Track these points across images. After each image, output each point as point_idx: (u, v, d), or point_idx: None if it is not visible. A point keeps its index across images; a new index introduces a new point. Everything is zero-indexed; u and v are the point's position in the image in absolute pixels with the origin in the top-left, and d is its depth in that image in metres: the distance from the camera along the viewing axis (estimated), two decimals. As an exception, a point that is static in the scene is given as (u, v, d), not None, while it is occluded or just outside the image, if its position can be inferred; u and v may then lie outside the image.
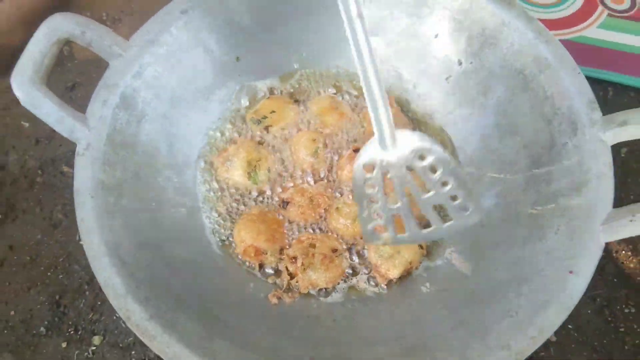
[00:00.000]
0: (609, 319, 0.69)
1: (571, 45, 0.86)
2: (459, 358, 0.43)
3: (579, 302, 0.61)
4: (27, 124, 0.87)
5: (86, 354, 0.69)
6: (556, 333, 0.66)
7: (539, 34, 0.57)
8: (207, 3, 0.62)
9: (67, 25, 0.53)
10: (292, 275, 0.55)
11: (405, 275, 0.57)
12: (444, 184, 0.46)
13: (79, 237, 0.77)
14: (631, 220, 0.45)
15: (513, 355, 0.42)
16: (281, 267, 0.57)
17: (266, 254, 0.56)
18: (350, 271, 0.58)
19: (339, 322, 0.52)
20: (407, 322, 0.51)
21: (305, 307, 0.54)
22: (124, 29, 0.95)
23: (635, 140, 0.51)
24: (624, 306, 0.70)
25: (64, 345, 0.70)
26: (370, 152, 0.46)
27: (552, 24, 0.90)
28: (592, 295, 0.70)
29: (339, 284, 0.56)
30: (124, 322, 0.68)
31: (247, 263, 0.58)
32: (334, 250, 0.56)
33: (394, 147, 0.45)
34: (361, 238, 0.58)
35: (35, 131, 0.86)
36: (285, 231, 0.59)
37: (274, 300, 0.54)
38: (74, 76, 0.90)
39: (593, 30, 0.89)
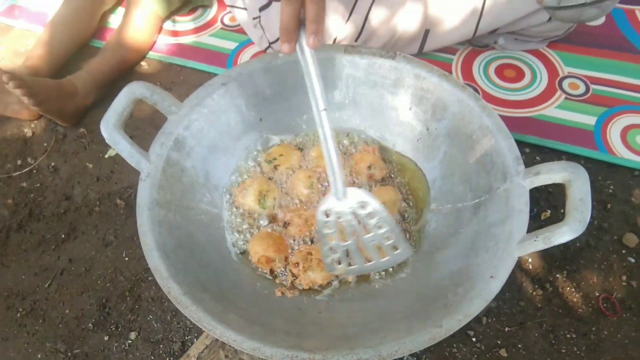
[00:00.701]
0: (553, 342, 0.84)
1: (533, 121, 1.07)
2: (405, 332, 0.59)
3: (529, 326, 0.79)
4: (90, 165, 1.08)
5: (123, 346, 0.85)
6: (508, 351, 0.81)
7: (483, 109, 0.77)
8: (240, 79, 0.84)
9: (141, 89, 0.75)
10: (295, 276, 0.73)
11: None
12: (380, 227, 0.64)
13: (125, 254, 0.96)
14: (535, 240, 0.62)
15: (443, 331, 0.58)
16: (286, 271, 0.74)
17: (275, 261, 0.74)
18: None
19: (322, 312, 0.69)
20: (373, 314, 0.67)
21: (298, 302, 0.71)
22: (173, 95, 1.18)
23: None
24: (566, 332, 0.84)
25: (106, 338, 0.87)
26: (328, 202, 0.64)
27: (519, 104, 1.10)
28: (540, 321, 0.85)
29: (332, 281, 0.73)
30: (155, 322, 0.85)
31: (260, 269, 0.76)
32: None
33: (344, 198, 0.63)
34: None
35: (97, 171, 1.07)
36: (287, 244, 0.77)
37: (279, 294, 0.71)
38: (131, 130, 1.12)
39: (552, 110, 1.09)
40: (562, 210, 0.97)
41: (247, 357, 0.73)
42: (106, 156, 1.10)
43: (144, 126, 1.13)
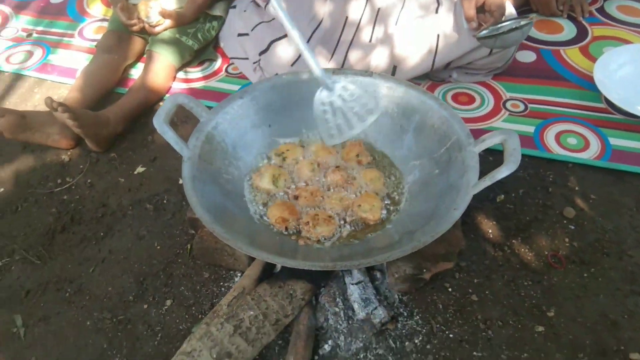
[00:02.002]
0: (514, 288, 1.03)
1: (484, 132, 1.32)
2: (392, 248, 0.79)
3: (493, 278, 0.99)
4: (122, 180, 1.29)
5: (160, 311, 1.02)
6: (478, 296, 1.01)
7: (440, 105, 1.02)
8: (253, 93, 1.09)
9: (182, 98, 0.98)
10: (307, 232, 0.94)
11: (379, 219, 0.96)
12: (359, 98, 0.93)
13: (157, 244, 1.14)
14: (484, 180, 0.85)
15: (421, 244, 0.79)
16: (300, 227, 0.95)
17: (289, 221, 0.95)
18: (342, 223, 0.96)
19: (327, 252, 0.89)
20: (366, 248, 0.87)
21: (309, 248, 0.92)
22: (187, 126, 1.41)
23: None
24: (523, 281, 1.04)
25: (145, 306, 1.03)
26: (323, 94, 0.92)
27: (472, 120, 1.37)
28: (502, 274, 1.05)
29: (334, 234, 0.94)
30: (187, 291, 1.03)
31: (276, 228, 0.96)
32: (330, 216, 0.95)
33: (333, 88, 0.91)
34: (345, 210, 0.97)
35: (128, 184, 1.28)
36: (298, 211, 0.98)
37: (301, 242, 0.93)
38: (154, 152, 1.34)
39: (499, 123, 1.36)
40: (512, 195, 1.20)
41: (270, 298, 0.91)
42: (135, 172, 1.30)
43: (163, 149, 1.35)
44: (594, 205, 1.18)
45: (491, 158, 1.28)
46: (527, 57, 1.57)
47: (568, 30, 1.66)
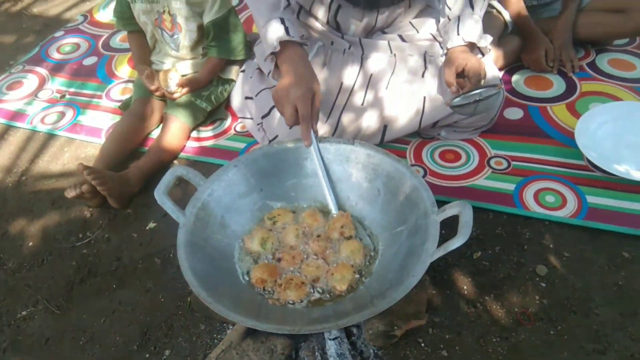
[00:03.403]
0: (482, 344, 1.11)
1: (467, 189, 1.41)
2: (354, 312, 0.89)
3: (464, 334, 1.08)
4: (135, 235, 1.43)
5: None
6: (448, 352, 1.09)
7: (412, 173, 1.12)
8: (247, 162, 1.22)
9: (181, 170, 1.13)
10: (279, 293, 1.04)
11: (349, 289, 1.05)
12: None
13: (161, 296, 1.27)
14: (439, 250, 0.94)
15: (377, 309, 0.89)
16: (275, 289, 1.06)
17: (267, 282, 1.06)
18: (312, 291, 1.06)
19: (297, 314, 1.00)
20: (335, 311, 0.98)
21: (283, 308, 1.03)
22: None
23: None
24: (492, 337, 1.12)
25: (147, 356, 1.16)
26: None
27: (456, 177, 1.46)
28: (472, 330, 1.13)
29: (302, 300, 1.04)
30: (184, 342, 1.15)
31: (257, 288, 1.07)
32: (303, 283, 1.06)
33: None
34: (317, 279, 1.08)
35: (140, 239, 1.42)
36: (278, 272, 1.09)
37: (270, 302, 1.03)
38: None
39: (481, 181, 1.44)
40: (489, 251, 1.29)
41: (252, 353, 1.02)
42: (147, 228, 1.45)
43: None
44: (567, 263, 1.24)
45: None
46: (515, 114, 1.66)
47: (557, 86, 1.74)
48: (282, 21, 1.30)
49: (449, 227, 1.03)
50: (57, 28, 2.37)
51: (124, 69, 2.06)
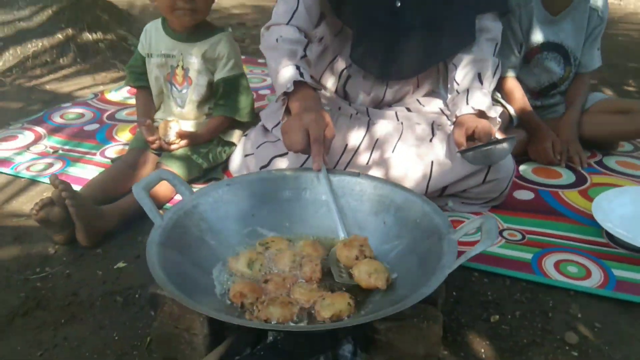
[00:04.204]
0: None
1: (481, 255, 1.27)
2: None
3: None
4: (100, 272, 1.25)
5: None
6: None
7: (423, 200, 1.01)
8: (241, 183, 1.11)
9: (167, 174, 1.02)
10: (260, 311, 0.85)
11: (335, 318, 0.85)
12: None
13: (116, 334, 1.06)
14: (458, 260, 0.79)
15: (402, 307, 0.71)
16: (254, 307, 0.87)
17: (246, 297, 0.87)
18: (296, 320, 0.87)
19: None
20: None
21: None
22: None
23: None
24: None
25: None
26: None
27: (468, 243, 1.32)
28: None
29: (285, 323, 0.84)
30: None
31: (234, 303, 0.88)
32: (290, 302, 0.87)
33: None
34: (307, 301, 0.90)
35: (105, 277, 1.24)
36: (263, 293, 0.91)
37: (247, 317, 0.83)
38: (140, 251, 1.32)
39: (495, 249, 1.31)
40: (508, 316, 1.11)
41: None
42: (115, 267, 1.27)
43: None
44: (599, 334, 1.06)
45: (486, 280, 1.21)
46: (525, 195, 1.58)
47: (566, 176, 1.70)
48: (297, 67, 1.30)
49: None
50: (67, 102, 2.40)
51: (124, 135, 2.03)
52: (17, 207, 1.55)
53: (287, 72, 1.28)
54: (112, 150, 1.89)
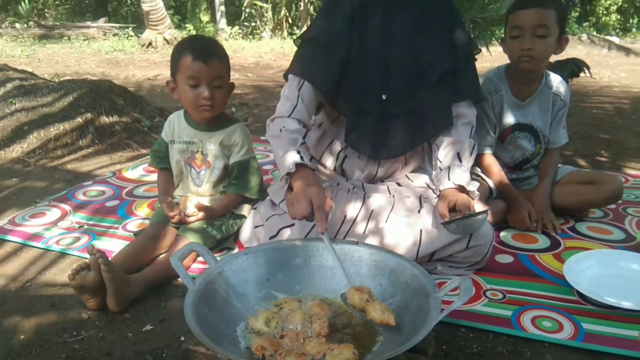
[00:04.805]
0: None
1: (465, 313, 1.45)
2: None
3: None
4: (130, 334, 1.41)
5: None
6: None
7: (413, 265, 1.20)
8: (257, 252, 1.30)
9: (197, 247, 1.21)
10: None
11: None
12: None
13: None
14: (442, 313, 0.98)
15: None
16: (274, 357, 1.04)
17: (266, 349, 1.04)
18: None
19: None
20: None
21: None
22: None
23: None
24: None
25: None
26: None
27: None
28: None
29: None
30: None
31: (255, 355, 1.05)
32: (304, 354, 1.04)
33: None
34: (319, 355, 1.06)
35: (135, 338, 1.39)
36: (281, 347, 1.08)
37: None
38: (164, 315, 1.48)
39: (479, 307, 1.48)
40: (491, 365, 1.27)
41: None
42: (143, 329, 1.43)
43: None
44: (572, 379, 1.22)
45: (471, 335, 1.38)
46: (505, 259, 1.77)
47: (542, 241, 1.90)
48: (298, 152, 1.53)
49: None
50: (87, 180, 2.62)
51: (143, 210, 2.23)
52: (50, 277, 1.72)
53: (289, 157, 1.51)
54: (133, 224, 2.09)
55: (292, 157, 1.51)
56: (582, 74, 4.83)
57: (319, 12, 1.81)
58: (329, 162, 1.89)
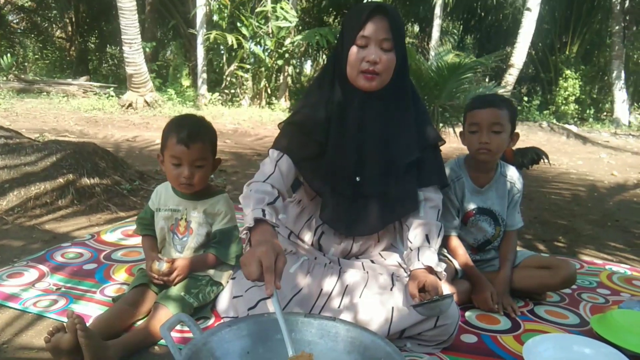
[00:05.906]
0: None
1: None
2: None
3: None
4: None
5: None
6: None
7: (386, 342, 1.30)
8: (239, 325, 1.38)
9: (184, 318, 1.28)
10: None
11: None
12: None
13: None
14: None
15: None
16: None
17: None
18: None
19: None
20: None
21: None
22: None
23: None
24: None
25: None
26: None
27: None
28: None
29: None
30: None
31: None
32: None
33: None
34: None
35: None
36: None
37: None
38: None
39: None
40: None
41: None
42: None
43: None
44: None
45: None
46: (470, 339, 1.88)
47: (504, 322, 2.02)
48: (262, 210, 1.64)
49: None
50: (65, 241, 2.65)
51: (120, 275, 2.28)
52: (27, 340, 1.74)
53: (252, 213, 1.62)
54: (111, 289, 2.12)
55: (255, 214, 1.61)
56: (541, 162, 5.21)
57: (304, 98, 1.98)
58: (307, 237, 2.01)
